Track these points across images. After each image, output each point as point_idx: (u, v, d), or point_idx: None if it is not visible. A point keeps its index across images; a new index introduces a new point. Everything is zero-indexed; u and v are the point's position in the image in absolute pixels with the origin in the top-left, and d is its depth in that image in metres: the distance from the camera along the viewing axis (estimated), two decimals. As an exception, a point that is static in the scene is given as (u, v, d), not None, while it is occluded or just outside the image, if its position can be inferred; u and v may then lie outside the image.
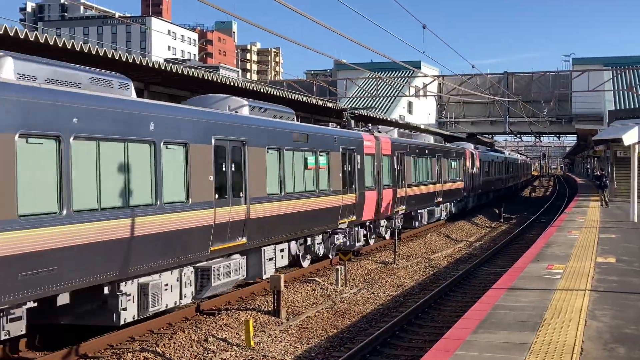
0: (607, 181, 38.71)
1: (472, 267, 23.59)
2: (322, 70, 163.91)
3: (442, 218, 37.89)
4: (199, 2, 12.03)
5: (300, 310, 16.79)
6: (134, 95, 13.85)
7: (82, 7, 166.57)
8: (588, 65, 54.60)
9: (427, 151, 34.23)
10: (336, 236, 22.62)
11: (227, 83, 22.00)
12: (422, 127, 49.26)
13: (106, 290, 12.59)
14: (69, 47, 15.12)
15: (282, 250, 19.08)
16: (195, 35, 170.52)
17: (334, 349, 13.77)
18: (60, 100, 11.26)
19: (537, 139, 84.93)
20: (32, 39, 14.17)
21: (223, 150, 15.99)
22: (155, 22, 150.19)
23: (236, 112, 17.56)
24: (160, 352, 12.83)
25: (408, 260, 25.64)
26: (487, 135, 75.85)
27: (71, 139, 11.38)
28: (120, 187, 12.55)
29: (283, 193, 18.70)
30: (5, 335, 10.83)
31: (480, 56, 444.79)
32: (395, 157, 28.81)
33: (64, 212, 11.21)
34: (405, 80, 58.84)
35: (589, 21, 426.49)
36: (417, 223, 32.63)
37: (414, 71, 53.58)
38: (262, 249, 17.78)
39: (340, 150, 22.97)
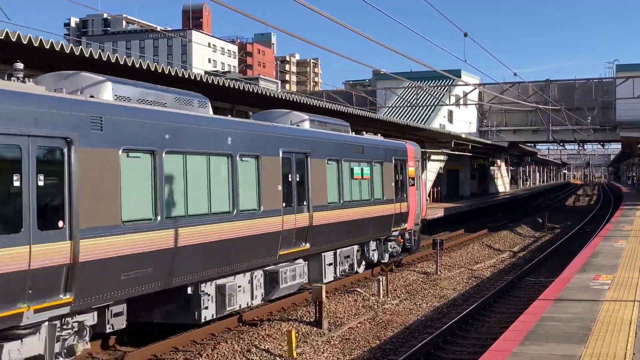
0: (654, 189, 37.83)
1: (516, 277, 23.24)
2: (361, 80, 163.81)
3: None
4: (238, 14, 12.14)
5: (342, 321, 16.72)
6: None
7: (124, 22, 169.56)
8: (632, 71, 53.63)
9: None
10: None
11: (266, 94, 22.11)
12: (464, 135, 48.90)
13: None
14: (113, 61, 15.37)
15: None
16: (235, 48, 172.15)
17: (377, 360, 13.66)
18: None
19: (580, 147, 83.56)
20: (88, 55, 14.42)
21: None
22: (195, 35, 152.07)
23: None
24: (204, 362, 12.87)
25: (450, 270, 25.39)
26: (529, 144, 74.89)
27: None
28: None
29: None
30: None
31: (523, 64, 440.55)
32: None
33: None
34: (446, 89, 58.47)
35: (632, 27, 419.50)
36: None
37: (454, 80, 53.34)
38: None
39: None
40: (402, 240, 24.81)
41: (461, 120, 63.83)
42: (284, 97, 23.36)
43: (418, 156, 26.47)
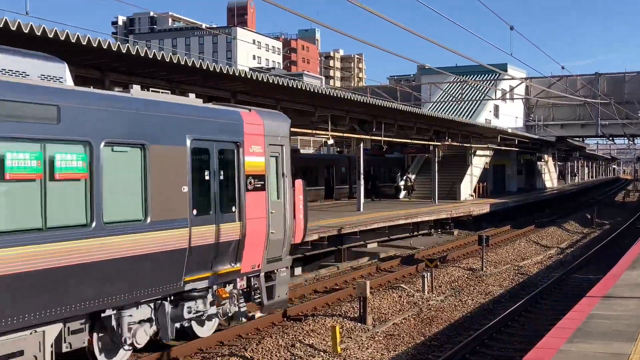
0: None
1: (563, 274, 22.89)
2: (406, 75, 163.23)
3: None
4: (283, 10, 12.17)
5: (387, 317, 16.70)
6: None
7: (170, 20, 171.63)
8: (685, 63, 52.22)
9: None
10: None
11: (310, 90, 22.18)
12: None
13: None
14: (159, 59, 15.60)
15: None
16: (279, 44, 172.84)
17: (422, 356, 13.62)
18: None
19: (630, 142, 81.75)
20: (134, 52, 14.66)
21: None
22: (240, 32, 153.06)
23: None
24: (249, 356, 12.99)
25: (496, 267, 25.12)
26: (577, 139, 73.60)
27: None
28: None
29: None
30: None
31: (570, 57, 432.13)
32: None
33: None
34: (492, 83, 57.80)
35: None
36: None
37: (500, 74, 52.73)
38: None
39: None
40: (225, 294, 12.95)
41: (507, 114, 63.01)
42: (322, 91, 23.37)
43: (280, 135, 14.43)
